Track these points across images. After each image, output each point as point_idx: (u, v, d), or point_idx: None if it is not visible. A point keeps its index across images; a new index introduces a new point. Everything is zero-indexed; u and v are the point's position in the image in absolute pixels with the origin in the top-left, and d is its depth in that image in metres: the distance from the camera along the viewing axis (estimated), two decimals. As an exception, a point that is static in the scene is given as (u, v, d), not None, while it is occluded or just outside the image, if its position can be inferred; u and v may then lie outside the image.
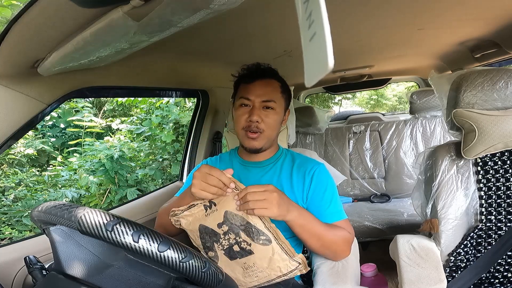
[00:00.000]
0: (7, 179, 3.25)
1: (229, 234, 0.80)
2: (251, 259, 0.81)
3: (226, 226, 0.79)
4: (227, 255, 0.83)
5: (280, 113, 0.97)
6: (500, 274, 0.98)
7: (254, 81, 0.94)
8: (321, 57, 0.26)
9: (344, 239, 0.88)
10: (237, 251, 0.81)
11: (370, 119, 2.49)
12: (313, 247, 0.86)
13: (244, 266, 0.82)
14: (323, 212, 0.91)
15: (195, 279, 0.50)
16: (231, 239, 0.81)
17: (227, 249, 0.82)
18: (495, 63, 1.51)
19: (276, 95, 0.95)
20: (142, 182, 3.68)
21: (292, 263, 0.81)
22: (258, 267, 0.82)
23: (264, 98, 0.93)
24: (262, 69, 0.98)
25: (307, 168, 0.97)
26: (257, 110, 0.92)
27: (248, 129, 0.93)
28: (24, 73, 0.75)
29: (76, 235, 0.55)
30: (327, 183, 0.96)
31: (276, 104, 0.94)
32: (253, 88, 0.94)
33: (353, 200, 2.22)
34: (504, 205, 0.97)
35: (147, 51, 0.78)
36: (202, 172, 0.76)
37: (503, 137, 0.94)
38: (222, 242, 0.81)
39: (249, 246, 0.80)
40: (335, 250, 0.88)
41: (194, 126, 1.69)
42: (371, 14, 0.95)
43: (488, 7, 0.97)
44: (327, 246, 0.87)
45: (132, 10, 0.48)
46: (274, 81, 0.97)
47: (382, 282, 1.20)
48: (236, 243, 0.81)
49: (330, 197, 0.93)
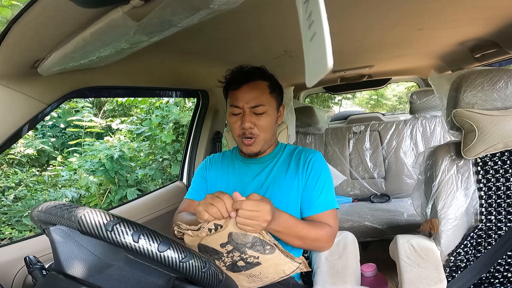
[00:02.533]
0: (7, 179, 3.25)
1: (233, 253, 0.79)
2: (257, 269, 0.81)
3: (231, 245, 0.77)
4: (229, 270, 0.82)
5: (273, 113, 0.96)
6: (500, 274, 0.98)
7: (240, 86, 0.93)
8: (321, 57, 0.26)
9: (326, 235, 0.89)
10: (242, 266, 0.80)
11: (370, 119, 2.49)
12: (295, 245, 0.88)
13: (249, 275, 0.82)
14: (313, 202, 0.92)
15: (195, 279, 0.50)
16: (235, 257, 0.79)
17: (229, 265, 0.81)
18: (495, 63, 1.51)
19: (264, 97, 0.93)
20: (142, 182, 3.68)
21: (294, 264, 0.83)
22: (264, 274, 0.82)
23: (253, 104, 0.91)
24: (247, 72, 0.95)
25: (304, 156, 0.98)
26: (247, 117, 0.91)
27: (243, 136, 0.94)
28: (24, 73, 0.75)
29: (76, 235, 0.54)
30: (321, 170, 0.96)
31: (266, 106, 0.93)
32: (240, 94, 0.92)
33: (353, 200, 2.22)
34: (504, 205, 0.97)
35: (147, 51, 0.78)
36: (206, 200, 0.75)
37: (503, 137, 0.94)
38: (224, 259, 0.80)
39: (257, 259, 0.79)
40: (318, 246, 0.92)
41: (194, 126, 1.69)
42: (371, 14, 0.95)
43: (488, 7, 0.97)
44: (309, 244, 0.90)
45: (132, 10, 0.48)
46: (261, 82, 0.94)
47: (382, 282, 1.20)
48: (241, 260, 0.79)
49: (322, 186, 0.94)
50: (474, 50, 1.46)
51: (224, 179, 1.04)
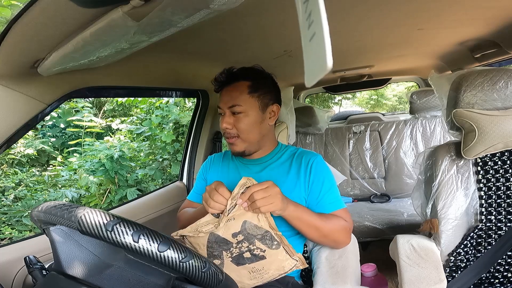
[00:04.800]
0: (7, 179, 3.25)
1: (243, 243, 0.81)
2: (261, 263, 0.82)
3: (242, 235, 0.80)
4: (234, 262, 0.83)
5: (253, 114, 0.93)
6: (500, 274, 0.98)
7: (222, 89, 0.97)
8: (320, 57, 0.26)
9: (342, 228, 0.90)
10: (248, 258, 0.82)
11: (370, 119, 2.49)
12: (313, 237, 0.89)
13: (251, 270, 0.83)
14: (323, 203, 0.94)
15: (195, 279, 0.50)
16: (243, 247, 0.81)
17: (235, 256, 0.82)
18: (495, 63, 1.51)
19: (242, 97, 0.93)
20: (142, 182, 3.68)
21: (293, 261, 0.85)
22: (266, 270, 0.83)
23: (229, 104, 0.93)
24: (228, 74, 0.97)
25: (305, 160, 0.98)
26: (226, 118, 0.93)
27: (225, 135, 0.97)
28: (24, 73, 0.75)
29: (76, 235, 0.54)
30: (325, 173, 0.97)
31: (243, 107, 0.92)
32: (222, 95, 0.96)
33: (353, 200, 2.22)
34: (504, 205, 0.97)
35: (147, 51, 0.78)
36: (205, 194, 0.81)
37: (503, 137, 0.94)
38: (232, 250, 0.82)
39: (263, 252, 0.81)
40: (335, 239, 0.91)
41: (194, 126, 1.69)
42: (371, 14, 0.95)
43: (488, 7, 0.97)
44: (326, 236, 0.89)
45: (132, 10, 0.48)
46: (242, 83, 0.94)
47: (382, 282, 1.20)
48: (248, 251, 0.82)
49: (329, 187, 0.95)
50: (474, 50, 1.46)
51: (225, 179, 1.04)
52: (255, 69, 0.99)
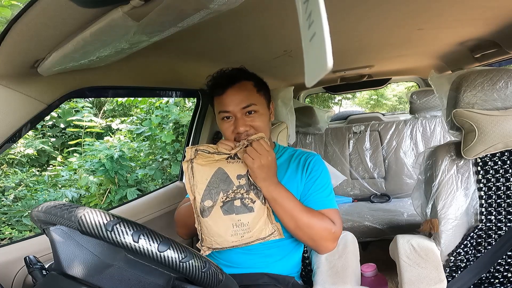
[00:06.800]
0: (7, 179, 3.25)
1: (242, 189, 0.83)
2: (247, 217, 0.83)
3: (244, 179, 0.83)
4: (223, 209, 0.83)
5: (264, 112, 0.93)
6: (500, 274, 0.98)
7: (226, 90, 0.89)
8: (320, 57, 0.26)
9: (324, 228, 0.85)
10: (237, 206, 0.83)
11: (370, 119, 2.49)
12: (288, 227, 0.86)
13: (236, 224, 0.83)
14: (312, 198, 0.91)
15: (195, 279, 0.50)
16: (238, 194, 0.83)
17: (227, 201, 0.83)
18: (495, 63, 1.51)
19: (253, 96, 0.91)
20: (142, 182, 3.68)
21: (270, 228, 0.86)
22: (249, 227, 0.83)
23: (244, 105, 0.88)
24: (230, 75, 0.92)
25: (304, 158, 0.98)
26: (240, 120, 0.88)
27: (236, 139, 0.90)
28: (24, 73, 0.75)
29: (76, 235, 0.54)
30: (321, 171, 0.96)
31: (257, 105, 0.90)
32: (227, 98, 0.89)
33: (353, 200, 2.22)
34: (504, 205, 0.97)
35: (147, 51, 0.78)
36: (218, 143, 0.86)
37: (503, 137, 0.94)
38: (229, 193, 0.83)
39: (252, 204, 0.83)
40: (312, 236, 0.85)
41: (194, 126, 1.69)
42: (371, 14, 0.95)
43: (488, 7, 0.97)
44: (301, 228, 0.85)
45: (132, 10, 0.48)
46: (247, 82, 0.92)
47: (382, 282, 1.20)
48: (240, 198, 0.83)
49: (321, 185, 0.93)
50: (474, 50, 1.46)
51: None
52: (246, 70, 0.97)
